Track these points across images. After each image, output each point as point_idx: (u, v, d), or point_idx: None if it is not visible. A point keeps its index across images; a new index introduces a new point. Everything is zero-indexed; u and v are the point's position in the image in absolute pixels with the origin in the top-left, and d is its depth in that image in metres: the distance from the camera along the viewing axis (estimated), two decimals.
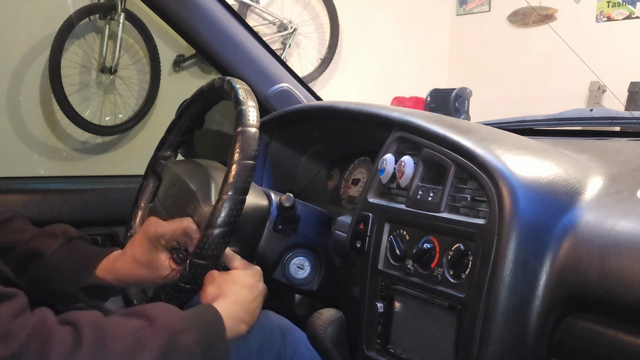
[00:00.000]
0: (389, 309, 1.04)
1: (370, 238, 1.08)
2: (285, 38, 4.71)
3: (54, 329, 0.76)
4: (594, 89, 4.66)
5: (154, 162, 1.32)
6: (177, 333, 0.83)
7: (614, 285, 0.77)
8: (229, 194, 0.98)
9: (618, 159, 1.05)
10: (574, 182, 0.92)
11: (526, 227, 0.85)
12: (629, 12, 4.76)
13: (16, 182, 1.83)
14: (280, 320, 1.24)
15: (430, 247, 0.96)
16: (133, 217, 1.30)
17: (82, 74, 3.50)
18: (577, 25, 4.72)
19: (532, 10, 5.10)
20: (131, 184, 1.59)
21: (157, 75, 3.69)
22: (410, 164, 1.06)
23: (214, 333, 0.89)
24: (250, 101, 1.06)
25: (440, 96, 4.92)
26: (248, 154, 1.00)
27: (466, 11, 5.68)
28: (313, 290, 1.24)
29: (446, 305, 0.93)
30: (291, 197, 1.18)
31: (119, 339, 0.79)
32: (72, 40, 3.41)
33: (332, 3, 4.84)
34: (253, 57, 1.57)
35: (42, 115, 3.40)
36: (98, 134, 3.55)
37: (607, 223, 0.83)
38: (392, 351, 1.03)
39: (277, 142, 1.53)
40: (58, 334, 0.76)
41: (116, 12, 3.47)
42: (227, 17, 1.54)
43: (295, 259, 1.22)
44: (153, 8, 1.53)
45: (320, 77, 4.91)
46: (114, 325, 0.81)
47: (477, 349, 0.86)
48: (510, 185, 0.88)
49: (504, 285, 0.84)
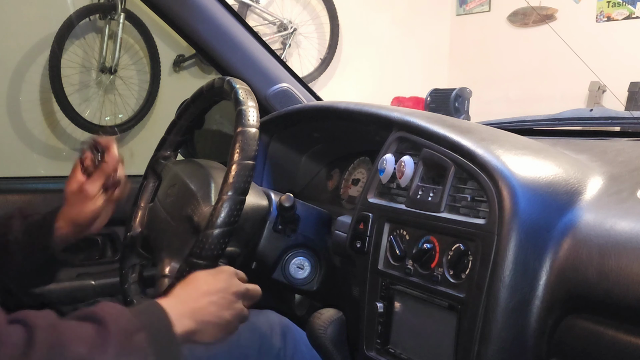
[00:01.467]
0: (389, 309, 1.04)
1: (370, 238, 1.08)
2: (285, 38, 4.71)
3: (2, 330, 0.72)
4: (594, 89, 4.66)
5: (154, 162, 1.32)
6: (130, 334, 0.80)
7: (614, 285, 0.77)
8: (228, 194, 0.98)
9: (618, 159, 1.05)
10: (574, 182, 0.92)
11: (526, 227, 0.85)
12: (629, 12, 4.76)
13: (16, 182, 1.83)
14: (280, 320, 1.24)
15: (430, 247, 0.96)
16: (133, 217, 1.30)
17: (82, 73, 3.50)
18: (577, 25, 4.72)
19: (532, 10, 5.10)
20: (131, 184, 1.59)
21: (157, 75, 3.69)
22: (410, 164, 1.06)
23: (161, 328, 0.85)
24: (250, 101, 1.06)
25: (440, 96, 4.92)
26: (248, 154, 1.00)
27: (466, 11, 5.68)
28: (313, 290, 1.24)
29: (446, 305, 0.93)
30: (291, 197, 1.18)
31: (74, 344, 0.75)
32: (72, 40, 3.41)
33: (332, 3, 4.84)
34: (253, 57, 1.57)
35: (42, 115, 3.40)
36: (98, 134, 3.55)
37: (607, 223, 0.83)
38: (392, 351, 1.03)
39: (277, 142, 1.53)
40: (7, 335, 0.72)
41: (116, 12, 3.47)
42: (227, 17, 1.54)
43: (295, 259, 1.22)
44: (153, 8, 1.53)
45: (320, 77, 4.91)
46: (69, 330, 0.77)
47: (477, 349, 0.86)
48: (510, 185, 0.88)
49: (504, 285, 0.84)
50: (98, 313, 0.81)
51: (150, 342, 0.81)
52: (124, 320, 0.81)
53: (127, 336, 0.80)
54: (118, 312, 0.83)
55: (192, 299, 0.92)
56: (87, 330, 0.78)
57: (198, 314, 0.91)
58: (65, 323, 0.79)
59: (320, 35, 4.93)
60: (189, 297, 0.92)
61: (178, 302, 0.90)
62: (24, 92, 3.32)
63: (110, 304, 0.85)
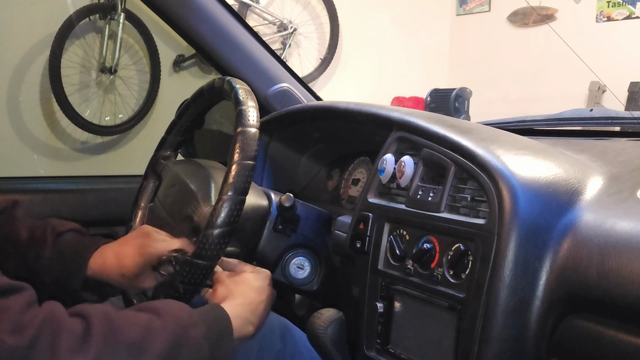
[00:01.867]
0: (388, 309, 1.04)
1: (370, 238, 1.08)
2: (285, 38, 4.71)
3: (64, 320, 0.77)
4: (594, 89, 4.66)
5: (154, 162, 1.31)
6: (186, 326, 0.85)
7: (614, 285, 0.77)
8: (228, 194, 0.97)
9: (618, 159, 1.04)
10: (574, 182, 0.92)
11: (526, 227, 0.85)
12: (629, 12, 4.76)
13: (16, 182, 1.83)
14: (280, 320, 1.24)
15: (430, 247, 0.96)
16: (133, 217, 1.30)
17: (82, 74, 3.51)
18: (577, 25, 4.72)
19: (532, 10, 5.10)
20: (131, 184, 1.59)
21: (157, 75, 3.69)
22: (410, 164, 1.06)
23: (222, 329, 0.90)
24: (250, 101, 1.06)
25: (440, 96, 4.93)
26: (248, 154, 1.00)
27: (466, 11, 5.68)
28: (313, 290, 1.24)
29: (446, 305, 0.93)
30: (291, 197, 1.18)
31: (128, 330, 0.80)
32: (72, 40, 3.41)
33: (332, 3, 4.84)
34: (253, 57, 1.57)
35: (42, 115, 3.40)
36: (98, 134, 3.55)
37: (607, 223, 0.83)
38: (392, 351, 1.03)
39: (277, 142, 1.52)
40: (68, 324, 0.77)
41: (116, 12, 3.47)
42: (227, 17, 1.54)
43: (295, 259, 1.22)
44: (153, 8, 1.53)
45: (320, 77, 4.91)
46: (123, 318, 0.82)
47: (477, 349, 0.86)
48: (510, 185, 0.88)
49: (504, 285, 0.84)
50: (155, 305, 0.87)
51: (207, 337, 0.86)
52: (180, 312, 0.86)
53: (182, 327, 0.84)
54: (178, 306, 0.88)
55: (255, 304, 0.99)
56: (141, 318, 0.83)
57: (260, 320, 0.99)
58: (120, 312, 0.84)
59: (320, 35, 4.93)
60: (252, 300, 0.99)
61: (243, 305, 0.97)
62: (24, 92, 3.32)
63: (172, 301, 0.92)
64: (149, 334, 0.81)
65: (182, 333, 0.84)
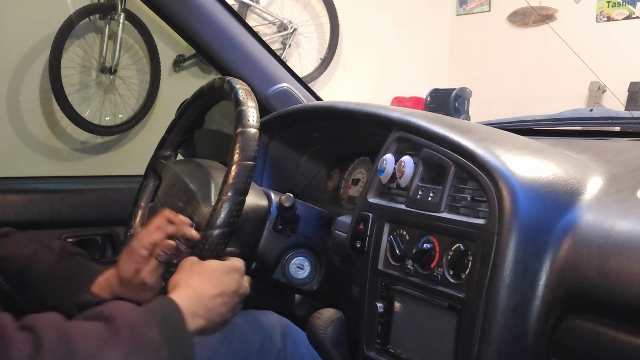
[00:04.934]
0: (388, 309, 1.04)
1: (370, 238, 1.08)
2: (285, 38, 4.71)
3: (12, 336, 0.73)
4: (594, 89, 4.66)
5: (154, 162, 1.32)
6: (139, 328, 0.80)
7: (614, 285, 0.77)
8: (228, 194, 0.98)
9: (618, 159, 1.05)
10: (574, 182, 0.92)
11: (526, 227, 0.85)
12: (629, 12, 4.76)
13: (16, 182, 1.83)
14: (280, 320, 1.24)
15: (430, 247, 0.96)
16: (133, 217, 1.30)
17: (82, 74, 3.50)
18: (577, 25, 4.72)
19: (532, 10, 5.10)
20: (131, 184, 1.59)
21: (157, 75, 3.69)
22: (410, 164, 1.06)
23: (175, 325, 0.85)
24: (250, 101, 1.06)
25: (440, 96, 4.92)
26: (248, 155, 1.00)
27: (466, 11, 5.68)
28: (313, 290, 1.24)
29: (446, 305, 0.93)
30: (291, 197, 1.18)
31: (82, 342, 0.76)
32: (72, 40, 3.41)
33: (332, 3, 4.84)
34: (253, 57, 1.57)
35: (42, 115, 3.40)
36: (98, 134, 3.55)
37: (607, 223, 0.83)
38: (392, 351, 1.03)
39: (277, 142, 1.52)
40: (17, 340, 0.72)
41: (116, 12, 3.47)
42: (227, 17, 1.54)
43: (295, 259, 1.22)
44: (153, 8, 1.53)
45: (320, 77, 4.91)
46: (75, 329, 0.78)
47: (477, 349, 0.86)
48: (510, 185, 0.88)
49: (503, 285, 0.84)
50: (105, 311, 0.82)
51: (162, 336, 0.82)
52: (132, 316, 0.82)
53: (137, 331, 0.80)
54: (126, 308, 0.84)
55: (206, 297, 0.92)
56: (95, 328, 0.79)
57: (210, 314, 0.92)
58: (72, 323, 0.79)
59: (320, 35, 4.93)
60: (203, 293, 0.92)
61: (192, 298, 0.91)
62: (24, 92, 3.32)
63: (119, 302, 0.86)
64: (104, 345, 0.77)
65: (137, 336, 0.80)
